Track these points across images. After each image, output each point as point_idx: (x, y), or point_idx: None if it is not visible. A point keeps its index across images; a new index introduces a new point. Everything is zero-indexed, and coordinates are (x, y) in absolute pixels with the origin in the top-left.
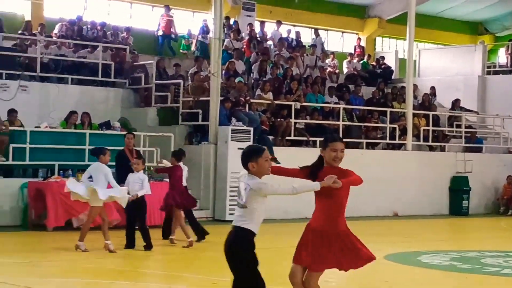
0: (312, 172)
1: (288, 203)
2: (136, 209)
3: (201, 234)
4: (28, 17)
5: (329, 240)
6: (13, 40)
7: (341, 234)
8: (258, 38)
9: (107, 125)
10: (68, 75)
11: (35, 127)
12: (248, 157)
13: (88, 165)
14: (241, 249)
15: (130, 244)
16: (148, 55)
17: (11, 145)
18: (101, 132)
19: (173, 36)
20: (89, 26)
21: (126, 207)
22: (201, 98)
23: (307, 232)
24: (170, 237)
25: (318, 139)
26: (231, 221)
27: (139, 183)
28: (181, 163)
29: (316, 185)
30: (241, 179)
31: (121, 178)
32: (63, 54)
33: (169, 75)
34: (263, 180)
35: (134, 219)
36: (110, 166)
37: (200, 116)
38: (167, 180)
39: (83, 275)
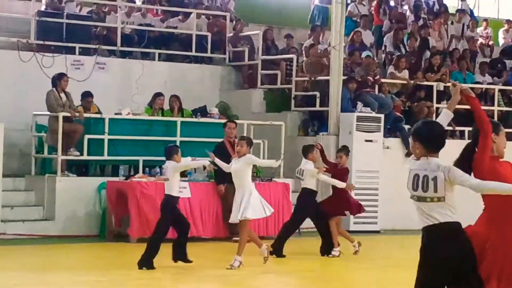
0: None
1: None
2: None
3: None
4: None
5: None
6: (88, 7)
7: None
8: (391, 2)
9: (202, 111)
10: (154, 49)
11: (115, 113)
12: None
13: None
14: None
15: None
16: (253, 23)
17: (86, 136)
18: (196, 120)
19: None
20: None
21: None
22: (319, 78)
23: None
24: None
25: (467, 129)
26: (356, 231)
27: None
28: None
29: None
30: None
31: (221, 176)
32: (148, 23)
33: (279, 49)
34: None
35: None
36: None
37: (318, 100)
38: (276, 179)
39: None
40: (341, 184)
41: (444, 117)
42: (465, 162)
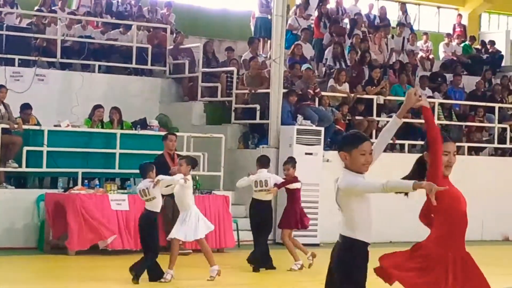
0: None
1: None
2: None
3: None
4: None
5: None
6: (28, 19)
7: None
8: (331, 15)
9: (142, 123)
10: (94, 61)
11: (54, 125)
12: (341, 146)
13: (119, 174)
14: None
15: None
16: (194, 36)
17: (25, 148)
18: (135, 132)
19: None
20: (120, 0)
21: None
22: (259, 91)
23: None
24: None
25: (407, 142)
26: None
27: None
28: None
29: (408, 185)
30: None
31: None
32: (88, 35)
33: (219, 61)
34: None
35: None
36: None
37: (258, 113)
38: (215, 192)
39: None
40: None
41: (393, 125)
42: (417, 177)
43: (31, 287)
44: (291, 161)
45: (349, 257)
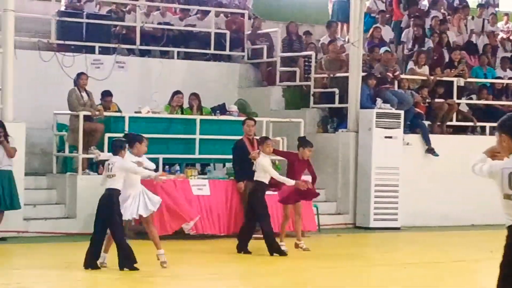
0: None
1: (449, 206)
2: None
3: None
4: None
5: None
6: (107, 6)
7: None
8: None
9: (221, 109)
10: (173, 47)
11: (135, 112)
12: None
13: (199, 159)
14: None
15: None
16: (272, 20)
17: (107, 135)
18: (214, 117)
19: None
20: None
21: None
22: (338, 74)
23: None
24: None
25: (488, 124)
26: (375, 228)
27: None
28: None
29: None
30: None
31: (241, 173)
32: (167, 22)
33: (303, 42)
34: None
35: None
36: (222, 160)
37: (337, 97)
38: None
39: None
40: (289, 182)
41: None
42: None
43: (116, 271)
44: (308, 143)
45: None
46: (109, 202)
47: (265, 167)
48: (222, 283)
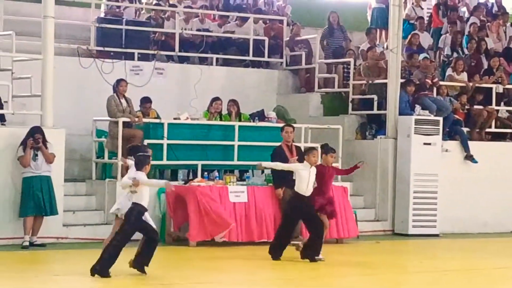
0: None
1: (488, 213)
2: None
3: None
4: None
5: None
6: (147, 13)
7: None
8: (449, 3)
9: (260, 115)
10: (212, 54)
11: (174, 118)
12: None
13: (237, 166)
14: None
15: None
16: (310, 27)
17: (145, 141)
18: (253, 124)
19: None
20: None
21: None
22: (376, 81)
23: None
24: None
25: None
26: (414, 235)
27: None
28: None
29: None
30: None
31: (279, 180)
32: (206, 28)
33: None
34: None
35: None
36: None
37: (375, 104)
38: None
39: None
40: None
41: None
42: None
43: (155, 278)
44: (331, 149)
45: None
46: (129, 215)
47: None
48: None
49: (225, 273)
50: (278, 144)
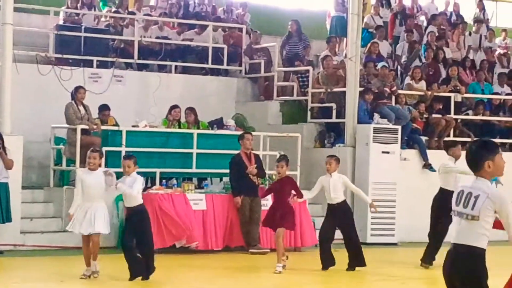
0: None
1: None
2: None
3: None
4: None
5: None
6: (105, 20)
7: None
8: (407, 12)
9: (219, 123)
10: (171, 62)
11: (132, 126)
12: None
13: (196, 173)
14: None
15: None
16: (269, 35)
17: (104, 149)
18: (212, 132)
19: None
20: (196, 1)
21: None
22: (335, 89)
23: None
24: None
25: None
26: (373, 243)
27: None
28: None
29: None
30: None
31: (238, 188)
32: (165, 36)
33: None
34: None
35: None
36: (219, 174)
37: (334, 112)
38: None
39: None
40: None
41: None
42: None
43: (111, 285)
44: (284, 158)
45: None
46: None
47: None
48: None
49: (182, 282)
50: (236, 152)
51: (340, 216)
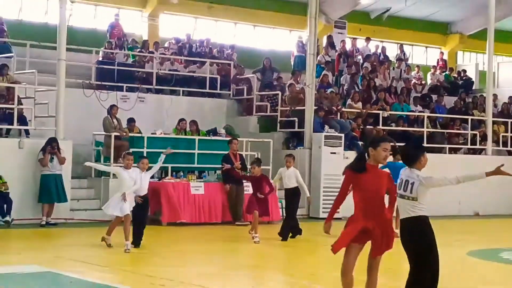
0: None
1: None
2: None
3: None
4: (145, 37)
5: None
6: (132, 58)
7: None
8: (349, 53)
9: (213, 131)
10: (179, 87)
11: (151, 133)
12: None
13: (197, 168)
14: (424, 235)
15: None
16: (250, 68)
17: (131, 150)
18: (209, 138)
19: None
20: (197, 44)
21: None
22: (297, 108)
23: None
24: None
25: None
26: (324, 218)
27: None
28: None
29: (482, 174)
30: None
31: (227, 178)
32: (175, 69)
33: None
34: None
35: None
36: (213, 168)
37: (296, 124)
38: None
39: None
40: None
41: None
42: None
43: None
44: (257, 161)
45: (428, 226)
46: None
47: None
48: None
49: (185, 243)
50: (226, 152)
51: (290, 197)
